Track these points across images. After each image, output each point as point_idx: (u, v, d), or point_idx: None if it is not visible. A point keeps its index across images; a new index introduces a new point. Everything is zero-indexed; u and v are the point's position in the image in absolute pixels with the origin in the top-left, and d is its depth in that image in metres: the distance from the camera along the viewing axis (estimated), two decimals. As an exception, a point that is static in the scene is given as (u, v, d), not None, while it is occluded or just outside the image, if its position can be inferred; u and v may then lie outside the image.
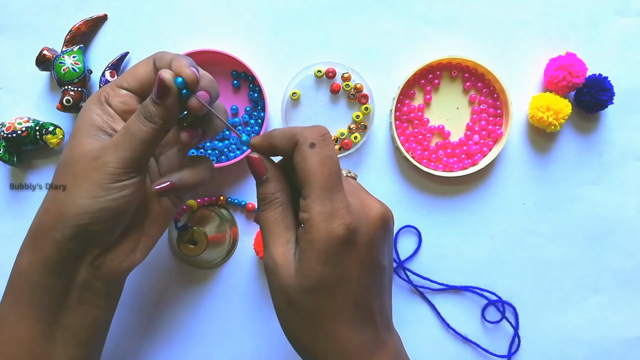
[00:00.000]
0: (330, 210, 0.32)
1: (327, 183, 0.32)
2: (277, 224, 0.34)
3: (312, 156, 0.32)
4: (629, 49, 0.54)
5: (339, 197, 0.32)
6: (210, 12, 0.54)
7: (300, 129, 0.34)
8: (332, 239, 0.31)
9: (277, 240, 0.34)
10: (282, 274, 0.33)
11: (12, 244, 0.55)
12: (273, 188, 0.35)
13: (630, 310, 0.55)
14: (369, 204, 0.35)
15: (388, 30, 0.54)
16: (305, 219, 0.32)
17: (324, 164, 0.32)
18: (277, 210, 0.35)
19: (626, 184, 0.55)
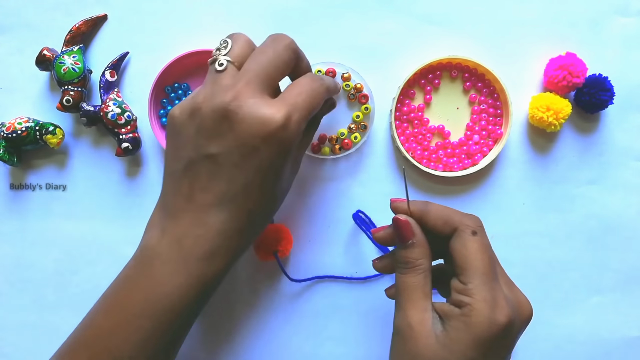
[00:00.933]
0: (492, 299, 0.32)
1: (489, 271, 0.34)
2: (417, 290, 0.35)
3: (474, 243, 0.34)
4: (629, 49, 0.54)
5: (499, 288, 0.33)
6: (210, 12, 0.54)
7: (459, 215, 0.36)
8: (494, 329, 0.32)
9: (415, 306, 0.34)
10: (419, 341, 0.33)
11: (12, 243, 0.55)
12: (418, 254, 0.36)
13: (630, 310, 0.55)
14: (521, 299, 0.36)
15: (388, 30, 0.54)
16: (465, 302, 0.33)
17: (485, 252, 0.34)
18: (420, 277, 0.35)
19: (626, 184, 0.55)
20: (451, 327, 0.33)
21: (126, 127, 0.51)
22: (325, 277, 0.54)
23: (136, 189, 0.54)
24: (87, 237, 0.54)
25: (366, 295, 0.54)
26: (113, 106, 0.51)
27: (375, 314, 0.54)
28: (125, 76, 0.54)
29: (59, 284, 0.55)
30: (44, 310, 0.55)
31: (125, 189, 0.54)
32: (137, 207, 0.54)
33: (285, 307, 0.54)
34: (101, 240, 0.54)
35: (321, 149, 0.53)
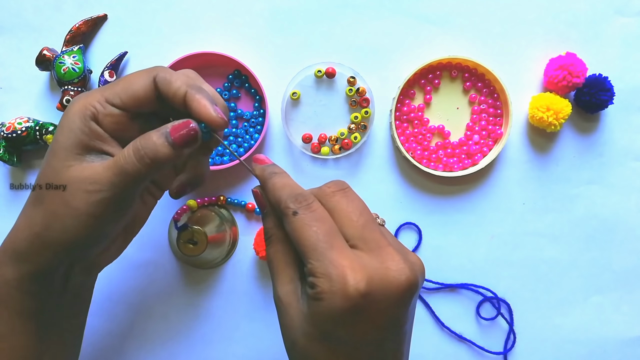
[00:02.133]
0: (332, 270, 0.29)
1: (319, 244, 0.30)
2: (278, 260, 0.34)
3: (297, 223, 0.31)
4: (629, 49, 0.54)
5: (337, 256, 0.30)
6: (210, 12, 0.54)
7: (286, 194, 0.32)
8: (338, 304, 0.29)
9: (281, 278, 0.33)
10: (289, 312, 0.32)
11: (12, 244, 0.55)
12: (271, 222, 0.34)
13: (630, 310, 0.55)
14: (390, 263, 0.31)
15: (388, 30, 0.54)
16: (310, 282, 0.30)
17: (312, 227, 0.31)
18: (277, 247, 0.34)
19: (626, 184, 0.55)
20: (310, 305, 0.31)
21: (126, 127, 0.51)
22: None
23: (136, 189, 0.54)
24: (87, 237, 0.54)
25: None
26: (113, 106, 0.51)
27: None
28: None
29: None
30: (44, 310, 0.55)
31: (125, 189, 0.54)
32: (137, 207, 0.54)
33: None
34: (101, 240, 0.54)
35: (321, 149, 0.53)
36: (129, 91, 0.34)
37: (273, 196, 0.33)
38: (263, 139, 0.53)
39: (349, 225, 0.32)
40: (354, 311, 0.29)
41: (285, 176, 0.34)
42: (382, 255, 0.31)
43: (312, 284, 0.30)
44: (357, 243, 0.31)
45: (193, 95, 0.33)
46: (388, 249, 0.31)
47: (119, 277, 0.54)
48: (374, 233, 0.32)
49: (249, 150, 0.53)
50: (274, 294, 0.33)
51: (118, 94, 0.34)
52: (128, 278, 0.54)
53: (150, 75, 0.34)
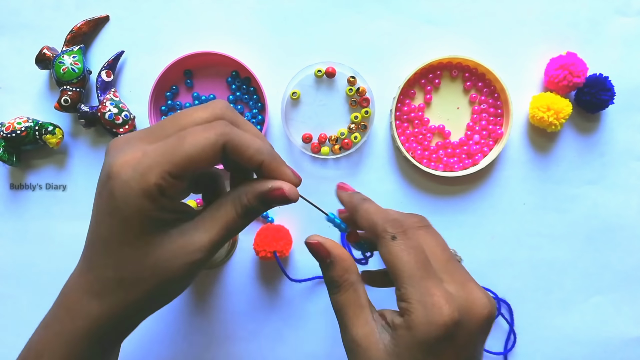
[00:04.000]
0: (427, 300, 0.31)
1: (418, 272, 0.32)
2: (351, 306, 0.34)
3: (394, 248, 0.32)
4: (629, 48, 0.54)
5: (434, 286, 0.31)
6: (210, 12, 0.54)
7: (382, 219, 0.34)
8: (433, 330, 0.30)
9: (355, 322, 0.33)
10: (369, 353, 0.32)
11: (12, 243, 0.55)
12: (340, 271, 0.35)
13: (630, 310, 0.55)
14: (475, 296, 0.33)
15: (388, 30, 0.54)
16: (403, 308, 0.32)
17: (410, 254, 0.32)
18: (349, 293, 0.34)
19: (627, 184, 0.54)
20: (397, 336, 0.32)
21: (124, 127, 0.51)
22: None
23: (136, 189, 0.54)
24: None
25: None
26: (110, 106, 0.51)
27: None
28: (126, 76, 0.54)
29: (59, 284, 0.54)
30: (43, 310, 0.54)
31: (125, 189, 0.54)
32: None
33: (284, 307, 0.54)
34: (101, 240, 0.54)
35: (321, 148, 0.53)
36: (194, 162, 0.30)
37: (367, 220, 0.34)
38: (263, 139, 0.53)
39: (434, 259, 0.33)
40: (445, 340, 0.30)
41: (374, 202, 0.36)
42: (466, 288, 0.33)
43: (405, 310, 0.31)
44: (442, 276, 0.33)
45: (270, 165, 0.33)
46: (471, 283, 0.34)
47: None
48: (457, 268, 0.34)
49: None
50: (348, 337, 0.33)
51: (182, 167, 0.30)
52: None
53: (218, 145, 0.31)
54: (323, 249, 0.35)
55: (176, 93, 0.54)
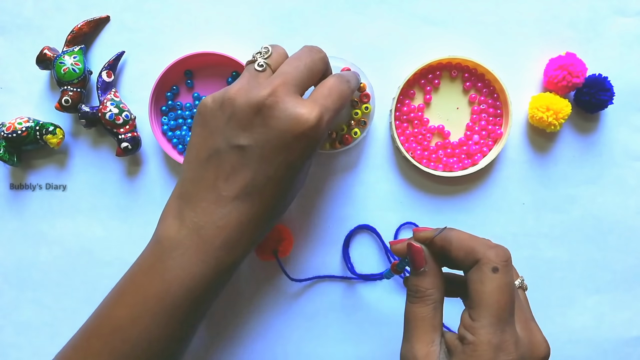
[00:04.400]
0: (498, 342, 0.30)
1: (503, 313, 0.31)
2: (424, 321, 0.34)
3: (493, 281, 0.32)
4: (628, 49, 0.54)
5: (509, 330, 0.31)
6: (211, 13, 0.54)
7: (483, 246, 0.33)
8: None
9: (421, 338, 0.33)
10: None
11: (12, 243, 0.55)
12: (430, 284, 0.34)
13: (630, 310, 0.55)
14: (537, 340, 0.33)
15: (388, 30, 0.54)
16: (469, 340, 0.31)
17: (503, 293, 0.32)
18: (429, 308, 0.34)
19: (626, 184, 0.55)
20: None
21: (125, 127, 0.51)
22: (325, 277, 0.54)
23: (136, 188, 0.54)
24: (87, 236, 0.54)
25: (366, 295, 0.54)
26: (111, 106, 0.51)
27: (375, 314, 0.54)
28: (126, 77, 0.54)
29: (59, 283, 0.55)
30: (44, 310, 0.55)
31: (125, 189, 0.54)
32: (137, 207, 0.54)
33: (285, 307, 0.54)
34: (101, 239, 0.54)
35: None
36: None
37: (464, 246, 0.34)
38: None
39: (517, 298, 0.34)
40: None
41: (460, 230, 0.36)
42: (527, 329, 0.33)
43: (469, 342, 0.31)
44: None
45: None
46: (532, 323, 0.34)
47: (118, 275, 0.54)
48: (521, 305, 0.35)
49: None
50: (408, 350, 0.33)
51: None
52: (128, 278, 0.54)
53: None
54: (422, 256, 0.35)
55: (177, 93, 0.54)
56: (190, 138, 0.41)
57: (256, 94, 0.37)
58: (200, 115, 0.40)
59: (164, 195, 0.54)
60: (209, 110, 0.39)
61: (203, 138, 0.39)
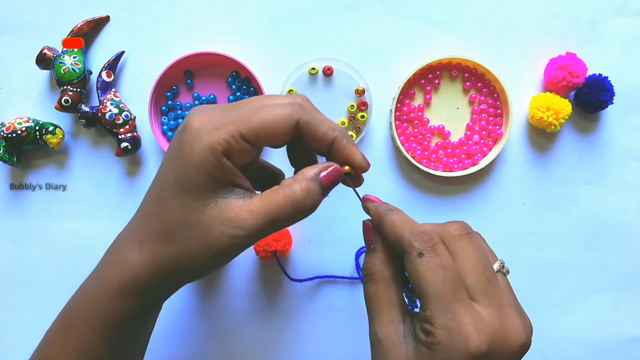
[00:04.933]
0: (454, 325, 0.29)
1: (444, 294, 0.30)
2: (380, 300, 0.33)
3: (422, 266, 0.30)
4: (629, 49, 0.54)
5: (461, 310, 0.29)
6: (210, 13, 0.54)
7: (409, 233, 0.31)
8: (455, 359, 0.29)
9: (381, 318, 0.32)
10: (389, 354, 0.31)
11: (12, 243, 0.55)
12: (377, 259, 0.33)
13: (630, 310, 0.55)
14: (512, 326, 0.31)
15: (388, 30, 0.54)
16: (427, 329, 0.30)
17: (437, 274, 0.30)
18: (380, 286, 0.33)
19: (626, 184, 0.55)
20: (418, 351, 0.30)
21: (124, 127, 0.51)
22: (326, 277, 0.54)
23: (136, 188, 0.54)
24: (87, 236, 0.54)
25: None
26: (110, 106, 0.51)
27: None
28: (126, 76, 0.54)
29: (59, 284, 0.55)
30: (44, 310, 0.55)
31: (125, 189, 0.54)
32: (136, 207, 0.54)
33: (285, 307, 0.54)
34: (101, 239, 0.54)
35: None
36: (268, 131, 0.31)
37: (393, 233, 0.32)
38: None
39: (472, 276, 0.31)
40: None
41: (403, 213, 0.34)
42: (502, 314, 0.31)
43: (428, 331, 0.30)
44: (477, 296, 0.31)
45: (342, 143, 0.33)
46: (508, 309, 0.31)
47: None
48: (497, 289, 0.32)
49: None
50: (372, 332, 0.32)
51: (255, 132, 0.31)
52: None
53: (293, 119, 0.32)
54: (371, 233, 0.34)
55: (176, 93, 0.54)
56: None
57: None
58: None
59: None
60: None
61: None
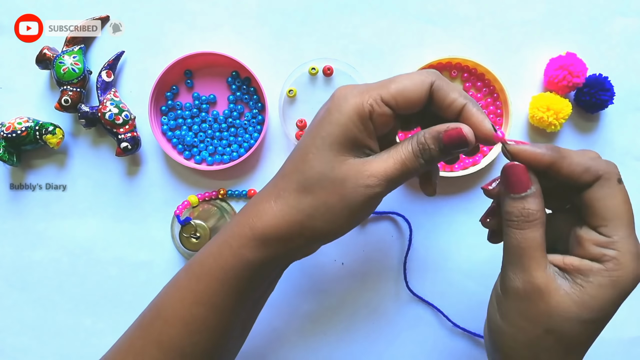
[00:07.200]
0: (637, 251, 0.31)
1: (632, 222, 0.32)
2: (539, 247, 0.32)
3: (621, 193, 0.32)
4: (629, 49, 0.54)
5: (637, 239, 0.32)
6: (210, 12, 0.54)
7: (601, 161, 0.33)
8: (636, 283, 0.31)
9: (539, 265, 0.32)
10: (549, 301, 0.32)
11: (12, 243, 0.55)
12: (537, 204, 0.33)
13: (630, 310, 0.55)
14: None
15: (388, 30, 0.54)
16: (610, 255, 0.31)
17: (629, 202, 0.32)
18: (540, 232, 0.32)
19: (626, 184, 0.54)
20: (591, 284, 0.31)
21: (124, 127, 0.51)
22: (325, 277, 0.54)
23: (136, 188, 0.54)
24: (87, 236, 0.54)
25: (368, 294, 0.54)
26: (110, 106, 0.51)
27: (375, 314, 0.54)
28: (126, 76, 0.54)
29: (59, 284, 0.55)
30: (44, 310, 0.55)
31: (125, 189, 0.54)
32: (136, 207, 0.54)
33: (285, 307, 0.54)
34: (101, 239, 0.54)
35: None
36: (405, 95, 0.34)
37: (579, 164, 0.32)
38: (263, 138, 0.53)
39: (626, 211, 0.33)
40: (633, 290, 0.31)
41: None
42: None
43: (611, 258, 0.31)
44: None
45: (472, 110, 0.34)
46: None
47: (118, 275, 0.54)
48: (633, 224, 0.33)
49: (248, 149, 0.53)
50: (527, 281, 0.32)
51: (394, 96, 0.33)
52: (128, 276, 0.54)
53: (427, 82, 0.34)
54: (528, 177, 0.33)
55: (176, 93, 0.54)
56: None
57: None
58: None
59: (164, 195, 0.54)
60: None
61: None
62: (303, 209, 0.34)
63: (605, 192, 0.32)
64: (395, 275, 0.54)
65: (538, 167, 0.33)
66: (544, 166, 0.33)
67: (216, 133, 0.53)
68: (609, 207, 0.32)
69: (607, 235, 0.31)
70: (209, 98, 0.54)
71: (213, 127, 0.53)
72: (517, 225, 0.33)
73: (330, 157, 0.33)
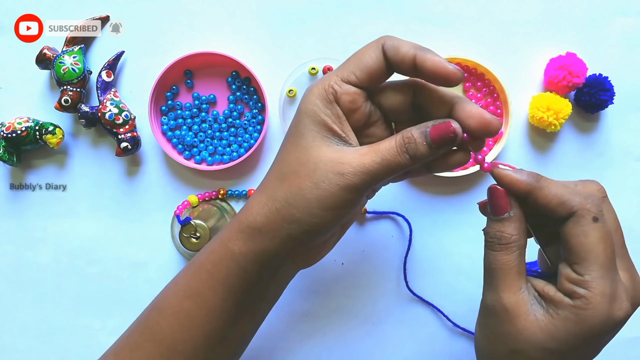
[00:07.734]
0: (611, 292, 0.30)
1: (610, 262, 0.31)
2: (511, 270, 0.32)
3: (595, 232, 0.31)
4: (629, 48, 0.54)
5: (617, 278, 0.31)
6: (210, 12, 0.54)
7: (579, 196, 0.32)
8: (610, 325, 0.30)
9: (509, 287, 0.32)
10: (516, 324, 0.32)
11: (12, 243, 0.55)
12: (515, 229, 0.33)
13: (630, 311, 0.55)
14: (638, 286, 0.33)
15: (388, 30, 0.54)
16: (579, 294, 0.30)
17: (606, 241, 0.31)
18: (514, 255, 0.32)
19: (626, 184, 0.54)
20: (558, 316, 0.31)
21: (124, 127, 0.51)
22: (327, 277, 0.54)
23: (136, 188, 0.54)
24: (87, 236, 0.54)
25: (368, 295, 0.54)
26: (110, 106, 0.51)
27: (375, 314, 0.54)
28: (126, 76, 0.54)
29: (59, 283, 0.55)
30: (44, 310, 0.55)
31: (124, 189, 0.54)
32: (136, 207, 0.54)
33: (284, 307, 0.54)
34: (101, 239, 0.54)
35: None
36: (361, 65, 0.33)
37: (555, 196, 0.32)
38: (263, 138, 0.53)
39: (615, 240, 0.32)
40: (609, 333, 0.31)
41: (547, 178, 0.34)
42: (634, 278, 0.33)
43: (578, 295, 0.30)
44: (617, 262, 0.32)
45: (424, 55, 0.33)
46: (634, 270, 0.33)
47: (118, 275, 0.54)
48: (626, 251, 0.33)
49: (248, 149, 0.53)
50: (496, 300, 0.32)
51: (352, 70, 0.33)
52: (128, 276, 0.54)
53: (378, 45, 0.34)
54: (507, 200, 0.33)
55: (176, 93, 0.54)
56: None
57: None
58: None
59: (164, 195, 0.54)
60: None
61: None
62: (280, 197, 0.34)
63: (578, 230, 0.31)
64: (395, 275, 0.54)
65: (517, 193, 0.33)
66: (522, 193, 0.33)
67: (216, 133, 0.53)
68: (582, 245, 0.31)
69: (579, 273, 0.31)
70: (209, 98, 0.54)
71: (213, 127, 0.53)
72: (491, 246, 0.33)
73: (302, 144, 0.34)
